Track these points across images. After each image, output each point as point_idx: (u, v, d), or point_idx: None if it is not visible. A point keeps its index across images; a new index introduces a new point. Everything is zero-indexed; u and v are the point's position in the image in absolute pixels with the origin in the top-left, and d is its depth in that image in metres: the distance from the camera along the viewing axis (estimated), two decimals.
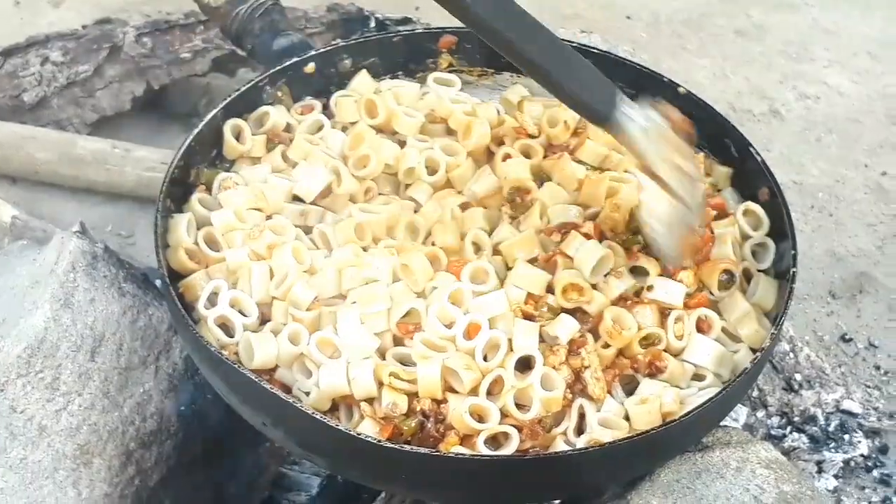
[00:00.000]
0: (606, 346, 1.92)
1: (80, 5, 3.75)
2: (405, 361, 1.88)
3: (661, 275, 1.99)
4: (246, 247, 2.01)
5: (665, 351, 1.93)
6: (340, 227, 2.05)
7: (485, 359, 1.86)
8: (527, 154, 2.20)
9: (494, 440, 1.82)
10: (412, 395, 1.84)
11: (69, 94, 3.10)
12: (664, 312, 1.97)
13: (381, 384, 1.83)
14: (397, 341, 1.92)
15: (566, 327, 1.91)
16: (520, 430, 1.81)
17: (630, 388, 1.92)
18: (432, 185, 2.17)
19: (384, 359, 1.88)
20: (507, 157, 2.18)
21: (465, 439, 1.81)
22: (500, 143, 2.23)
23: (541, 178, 2.16)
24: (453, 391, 1.85)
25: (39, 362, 1.98)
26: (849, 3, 4.02)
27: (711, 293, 2.01)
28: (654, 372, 1.91)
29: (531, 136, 2.23)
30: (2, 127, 3.04)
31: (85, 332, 2.03)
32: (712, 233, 2.09)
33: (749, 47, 3.79)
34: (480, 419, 1.82)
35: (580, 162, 2.16)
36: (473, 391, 1.84)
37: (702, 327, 1.96)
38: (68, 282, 2.05)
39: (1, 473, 1.93)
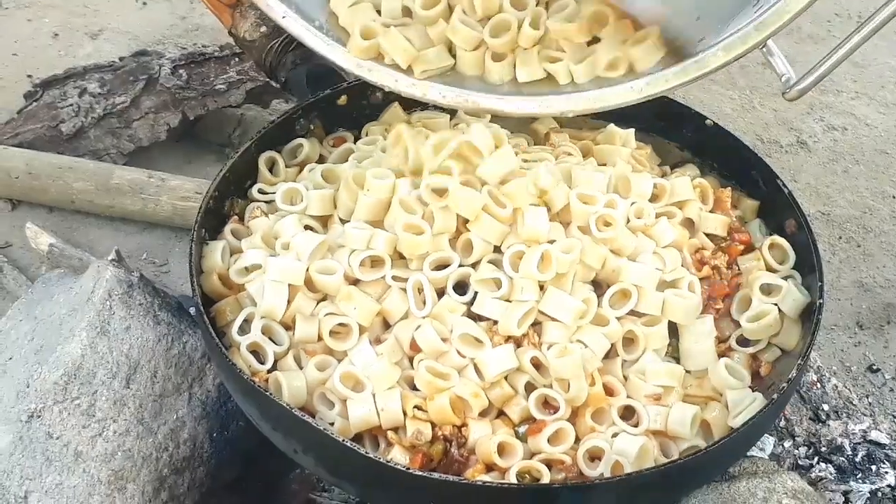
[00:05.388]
0: None
1: (118, 37, 3.81)
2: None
3: None
4: None
5: None
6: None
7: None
8: None
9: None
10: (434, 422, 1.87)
11: (106, 124, 3.14)
12: None
13: (404, 413, 1.86)
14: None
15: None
16: (549, 466, 1.83)
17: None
18: None
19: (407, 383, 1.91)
20: None
21: (492, 465, 1.83)
22: None
23: None
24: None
25: (76, 389, 2.02)
26: (876, 35, 3.99)
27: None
28: None
29: None
30: (40, 157, 3.08)
31: (120, 360, 2.06)
32: (738, 268, 2.10)
33: (776, 79, 3.77)
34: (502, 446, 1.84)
35: None
36: (484, 414, 1.88)
37: None
38: (104, 310, 2.09)
39: (37, 499, 1.96)
